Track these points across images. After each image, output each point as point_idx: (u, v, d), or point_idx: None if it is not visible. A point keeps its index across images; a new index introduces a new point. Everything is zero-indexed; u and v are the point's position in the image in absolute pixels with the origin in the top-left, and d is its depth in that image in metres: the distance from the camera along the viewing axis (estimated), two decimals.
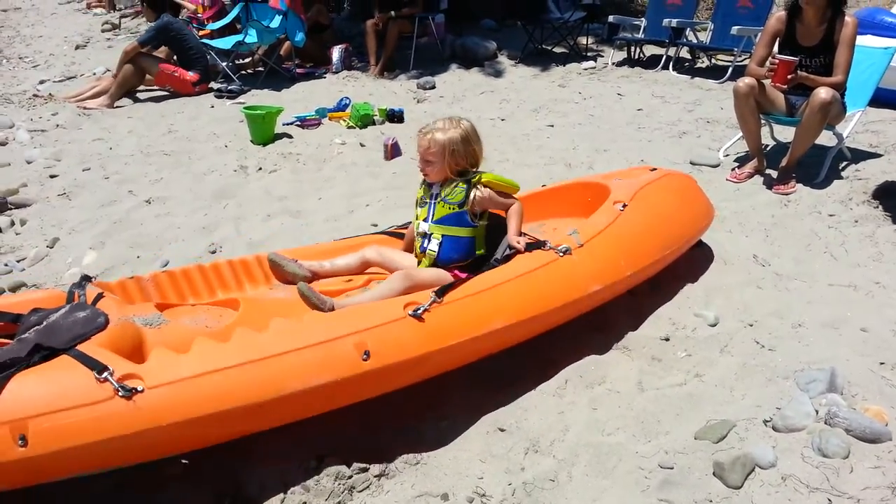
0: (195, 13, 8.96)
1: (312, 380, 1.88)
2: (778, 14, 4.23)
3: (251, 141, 5.29)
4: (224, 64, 7.22)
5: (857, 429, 2.03)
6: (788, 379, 2.33)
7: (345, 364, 1.94)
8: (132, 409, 1.68)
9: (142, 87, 6.91)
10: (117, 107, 6.46)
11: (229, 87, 6.86)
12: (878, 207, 3.73)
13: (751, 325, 2.69)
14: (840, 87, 3.96)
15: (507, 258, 2.48)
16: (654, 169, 3.25)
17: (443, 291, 2.20)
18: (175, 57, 6.98)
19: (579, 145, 5.16)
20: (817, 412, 2.12)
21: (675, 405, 2.26)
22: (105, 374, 1.69)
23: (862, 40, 4.75)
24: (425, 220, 2.59)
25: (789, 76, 3.84)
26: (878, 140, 4.91)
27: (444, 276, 2.47)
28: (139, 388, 1.69)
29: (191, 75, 6.80)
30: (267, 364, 1.85)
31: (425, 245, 2.58)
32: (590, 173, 4.43)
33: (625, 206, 2.74)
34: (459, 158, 2.50)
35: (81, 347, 1.80)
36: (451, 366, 2.23)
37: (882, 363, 2.40)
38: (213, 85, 7.05)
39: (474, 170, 2.57)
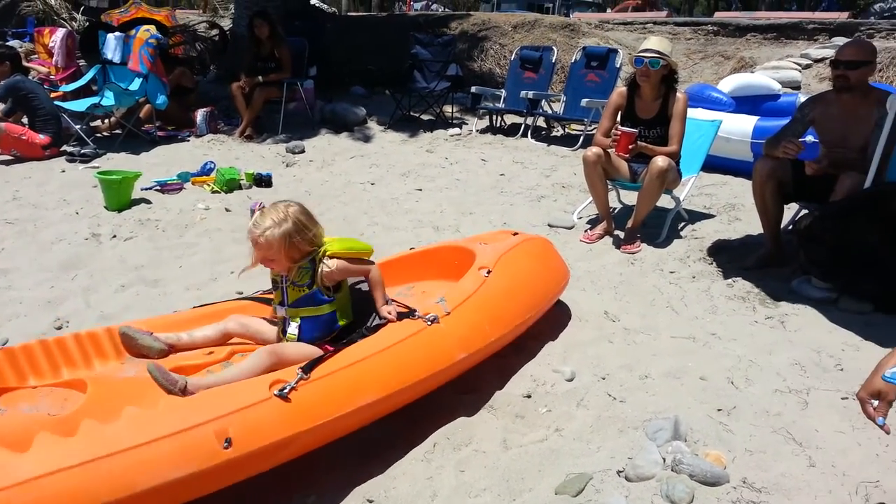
0: (47, 75, 8.54)
1: (168, 474, 1.77)
2: (619, 90, 4.65)
3: (105, 207, 5.04)
4: (78, 127, 6.86)
5: (699, 474, 2.18)
6: (638, 429, 2.47)
7: (204, 454, 1.83)
8: None
9: None
10: None
11: (83, 151, 6.53)
12: (712, 264, 4.11)
13: (603, 379, 2.85)
14: (675, 156, 4.38)
15: (376, 328, 2.48)
16: (516, 233, 3.42)
17: (310, 367, 2.16)
18: (25, 119, 6.58)
19: (446, 209, 5.33)
20: (664, 460, 2.26)
21: (538, 461, 2.34)
22: None
23: (693, 113, 5.30)
24: (281, 304, 2.55)
25: (630, 146, 4.21)
26: (710, 202, 5.44)
27: (311, 350, 2.43)
28: None
29: (41, 138, 6.42)
30: (116, 460, 1.71)
31: (286, 329, 2.53)
32: (456, 236, 4.58)
33: (489, 272, 2.85)
34: (300, 246, 2.43)
35: None
36: (319, 444, 2.18)
37: (719, 409, 2.60)
38: (66, 148, 6.68)
39: (319, 246, 2.50)
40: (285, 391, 2.05)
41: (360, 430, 2.34)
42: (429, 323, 2.50)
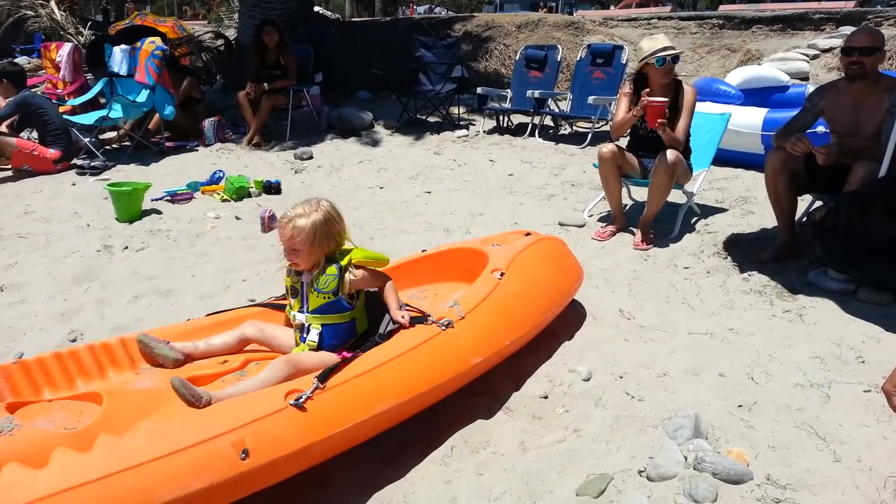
0: (55, 87, 8.61)
1: (186, 487, 1.76)
2: (625, 91, 4.57)
3: (116, 219, 5.06)
4: (87, 140, 6.91)
5: (722, 472, 2.14)
6: (658, 428, 2.44)
7: (221, 466, 1.82)
8: None
9: None
10: None
11: (92, 164, 6.56)
12: (727, 258, 4.06)
13: (621, 377, 2.82)
14: (681, 145, 4.31)
15: (389, 333, 2.47)
16: (529, 233, 3.39)
17: (325, 376, 2.15)
18: (35, 134, 6.63)
19: (456, 210, 5.31)
20: (686, 458, 2.23)
21: (557, 463, 2.31)
22: None
23: (702, 107, 5.26)
24: (300, 310, 2.53)
25: (659, 120, 4.10)
26: (723, 196, 5.39)
27: (328, 357, 2.41)
28: None
29: (52, 153, 6.47)
30: (134, 474, 1.70)
31: (304, 336, 2.51)
32: (467, 237, 4.56)
33: (502, 274, 2.83)
34: (327, 241, 2.45)
35: None
36: (336, 451, 2.17)
37: (740, 406, 2.57)
38: (76, 161, 6.71)
39: (342, 250, 2.51)
40: (301, 400, 2.04)
41: (378, 434, 2.32)
42: (443, 328, 2.48)
